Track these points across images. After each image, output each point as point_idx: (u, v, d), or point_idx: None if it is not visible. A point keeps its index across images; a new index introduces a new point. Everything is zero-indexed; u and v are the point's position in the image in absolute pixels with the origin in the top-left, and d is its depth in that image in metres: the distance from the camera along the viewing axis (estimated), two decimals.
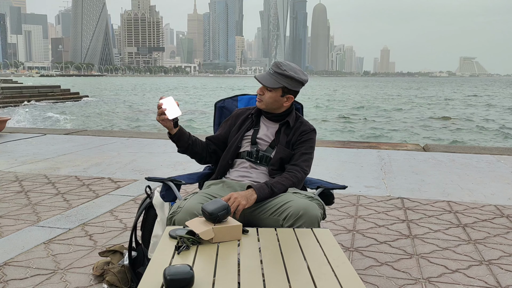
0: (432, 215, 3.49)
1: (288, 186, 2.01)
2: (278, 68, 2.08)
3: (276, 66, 2.09)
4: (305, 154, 2.12)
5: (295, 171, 2.06)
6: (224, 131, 2.27)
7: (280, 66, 2.08)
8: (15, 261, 2.56)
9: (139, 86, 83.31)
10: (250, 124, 2.22)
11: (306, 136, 2.16)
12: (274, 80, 2.08)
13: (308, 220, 1.79)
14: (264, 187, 1.94)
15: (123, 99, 39.67)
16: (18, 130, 8.51)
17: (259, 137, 2.16)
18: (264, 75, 2.12)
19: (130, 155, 5.88)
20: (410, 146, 6.86)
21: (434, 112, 28.37)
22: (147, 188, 2.23)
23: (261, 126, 2.21)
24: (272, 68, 2.11)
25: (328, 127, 20.42)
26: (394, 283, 2.34)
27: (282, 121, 2.18)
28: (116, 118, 23.09)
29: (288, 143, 2.14)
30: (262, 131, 2.19)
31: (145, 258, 2.25)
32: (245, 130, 2.20)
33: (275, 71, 2.08)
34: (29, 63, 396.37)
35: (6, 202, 3.73)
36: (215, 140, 2.25)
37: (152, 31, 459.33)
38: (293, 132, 2.15)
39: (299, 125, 2.18)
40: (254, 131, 2.19)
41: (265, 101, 2.13)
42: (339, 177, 4.75)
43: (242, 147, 2.17)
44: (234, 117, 2.29)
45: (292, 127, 2.16)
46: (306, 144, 2.15)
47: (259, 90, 2.15)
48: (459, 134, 18.25)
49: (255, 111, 2.23)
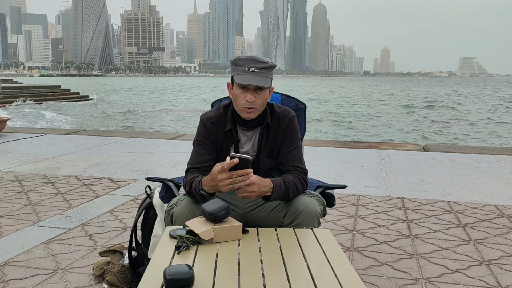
0: (432, 215, 3.49)
1: (303, 192, 1.89)
2: (260, 63, 1.82)
3: (256, 62, 1.82)
4: (295, 149, 1.95)
5: (298, 173, 1.90)
6: (212, 149, 1.95)
7: (260, 60, 1.83)
8: (15, 261, 2.56)
9: (142, 86, 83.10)
10: (230, 140, 1.94)
11: (289, 127, 1.95)
12: (266, 78, 1.84)
13: (308, 216, 1.78)
14: (282, 187, 1.77)
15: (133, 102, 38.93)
16: (18, 130, 8.51)
17: (242, 152, 1.95)
18: (253, 78, 1.81)
19: (130, 155, 5.88)
20: (410, 146, 6.86)
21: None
22: (147, 188, 2.22)
23: (240, 139, 1.96)
24: (251, 66, 1.81)
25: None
26: (394, 283, 2.34)
27: (261, 123, 1.93)
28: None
29: (273, 149, 1.95)
30: (243, 145, 1.96)
31: (145, 258, 2.25)
32: (226, 148, 1.95)
33: (260, 67, 1.82)
34: (29, 63, 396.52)
35: (6, 202, 3.73)
36: (208, 168, 1.87)
37: (152, 31, 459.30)
38: (275, 131, 1.94)
39: (277, 119, 1.95)
40: (235, 148, 1.95)
41: (259, 106, 1.85)
42: (339, 177, 4.75)
43: None
44: (207, 132, 1.95)
45: (272, 126, 1.94)
46: (292, 137, 1.95)
47: (250, 98, 1.81)
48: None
49: (228, 126, 1.92)
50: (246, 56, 1.85)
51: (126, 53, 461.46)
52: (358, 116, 25.44)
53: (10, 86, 28.87)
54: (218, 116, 1.96)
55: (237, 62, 1.85)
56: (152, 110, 29.00)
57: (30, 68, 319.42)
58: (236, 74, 1.84)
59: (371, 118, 24.39)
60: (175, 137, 7.48)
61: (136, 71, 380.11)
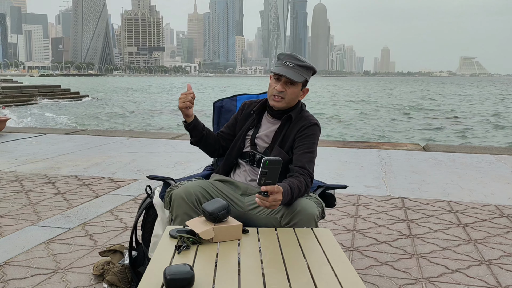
0: (432, 215, 3.49)
1: (303, 195, 1.91)
2: (298, 61, 1.97)
3: (294, 59, 1.98)
4: (308, 153, 1.99)
5: (304, 176, 1.92)
6: (232, 126, 2.20)
7: (298, 58, 1.98)
8: (15, 260, 2.56)
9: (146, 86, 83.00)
10: (252, 122, 2.13)
11: (307, 130, 2.02)
12: (298, 74, 1.96)
13: (305, 218, 1.78)
14: (288, 194, 1.78)
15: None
16: (18, 129, 8.51)
17: (259, 137, 2.09)
18: (286, 70, 1.96)
19: (130, 155, 5.89)
20: (410, 146, 6.86)
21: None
22: (148, 187, 2.22)
23: (262, 125, 2.12)
24: (289, 61, 1.97)
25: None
26: (394, 283, 2.34)
27: (285, 116, 2.06)
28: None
29: (286, 141, 2.03)
30: (262, 130, 2.10)
31: (145, 257, 2.25)
32: (247, 129, 2.13)
33: (296, 64, 1.97)
34: (29, 63, 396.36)
35: (6, 201, 3.73)
36: (225, 135, 2.19)
37: (152, 31, 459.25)
38: (293, 126, 2.04)
39: (299, 118, 2.06)
40: (254, 131, 2.10)
41: (288, 98, 1.99)
42: (339, 177, 4.75)
43: (245, 147, 2.11)
44: (241, 111, 2.21)
45: (293, 121, 2.05)
46: (308, 141, 2.01)
47: (280, 87, 1.98)
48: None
49: (257, 108, 2.13)
50: (288, 52, 2.04)
51: (126, 53, 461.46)
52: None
53: (10, 86, 28.86)
54: (253, 100, 2.23)
55: (278, 57, 2.05)
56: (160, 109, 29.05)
57: (30, 68, 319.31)
58: (274, 66, 2.02)
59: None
60: (175, 137, 7.48)
61: (136, 71, 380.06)
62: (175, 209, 1.87)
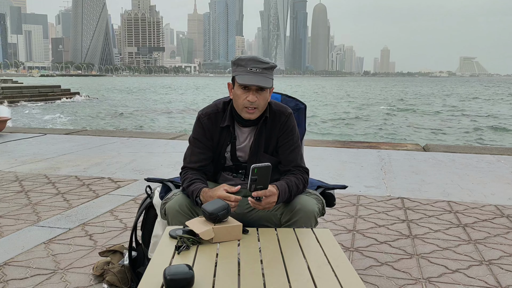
0: (432, 215, 3.49)
1: (302, 192, 1.90)
2: (262, 63, 1.83)
3: (258, 62, 1.83)
4: (296, 148, 1.95)
5: (301, 173, 1.91)
6: (207, 149, 1.98)
7: (261, 60, 1.84)
8: (15, 261, 2.56)
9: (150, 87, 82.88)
10: (226, 136, 1.95)
11: (286, 126, 1.94)
12: (267, 78, 1.84)
13: (305, 215, 1.78)
14: (286, 192, 1.78)
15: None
16: (18, 130, 8.51)
17: (240, 149, 1.98)
18: (255, 78, 1.81)
19: (130, 155, 5.88)
20: (410, 146, 6.86)
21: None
22: (148, 188, 2.22)
23: (238, 136, 1.97)
24: (254, 66, 1.82)
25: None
26: (394, 283, 2.34)
27: (259, 120, 1.93)
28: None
29: (268, 144, 1.95)
30: (240, 143, 1.97)
31: (145, 258, 2.25)
32: (224, 145, 1.97)
33: (262, 68, 1.82)
34: (29, 63, 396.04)
35: (6, 202, 3.73)
36: (207, 162, 2.00)
37: (152, 31, 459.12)
38: (270, 127, 1.94)
39: (273, 116, 1.94)
40: (232, 145, 1.96)
41: (261, 106, 1.86)
42: (339, 177, 4.75)
43: (226, 163, 2.01)
44: (203, 128, 1.97)
45: (268, 121, 1.94)
46: (291, 136, 1.95)
47: (252, 97, 1.81)
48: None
49: (226, 122, 1.93)
50: (247, 56, 1.86)
51: (126, 53, 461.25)
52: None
53: (10, 86, 28.86)
54: (215, 112, 1.97)
55: (238, 63, 1.86)
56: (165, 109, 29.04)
57: (30, 68, 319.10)
58: (237, 74, 1.85)
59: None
60: (175, 137, 7.48)
61: (136, 71, 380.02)
62: (170, 221, 1.86)
